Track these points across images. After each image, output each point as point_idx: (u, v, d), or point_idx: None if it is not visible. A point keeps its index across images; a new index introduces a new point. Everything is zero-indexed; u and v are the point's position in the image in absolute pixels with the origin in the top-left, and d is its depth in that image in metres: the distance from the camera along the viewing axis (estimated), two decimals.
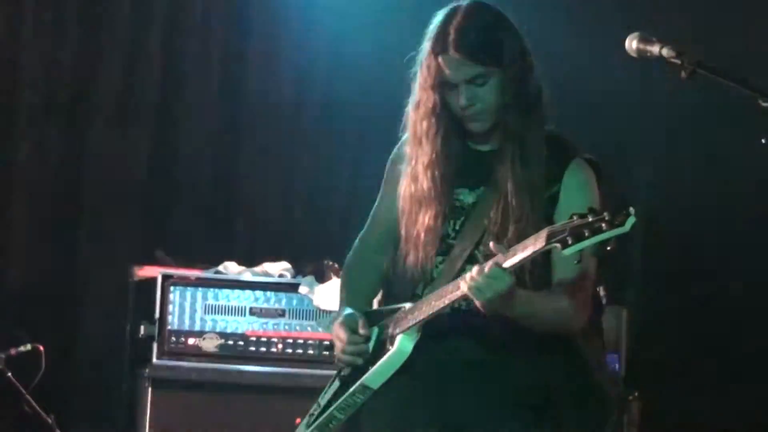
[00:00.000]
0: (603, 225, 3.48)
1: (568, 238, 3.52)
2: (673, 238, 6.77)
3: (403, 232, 4.12)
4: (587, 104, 6.46)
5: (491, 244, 3.77)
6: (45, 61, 6.98)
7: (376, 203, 4.31)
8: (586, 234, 3.50)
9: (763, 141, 3.59)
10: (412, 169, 4.09)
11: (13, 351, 5.95)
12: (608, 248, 3.48)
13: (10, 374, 5.91)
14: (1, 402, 6.01)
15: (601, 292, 4.51)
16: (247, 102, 7.16)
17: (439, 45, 3.96)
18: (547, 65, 4.08)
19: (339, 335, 4.15)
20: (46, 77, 6.97)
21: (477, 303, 3.75)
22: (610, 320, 5.57)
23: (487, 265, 3.70)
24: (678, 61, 3.69)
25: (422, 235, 4.05)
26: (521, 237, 3.79)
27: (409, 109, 4.09)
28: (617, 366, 6.01)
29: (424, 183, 4.06)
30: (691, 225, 6.72)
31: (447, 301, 3.85)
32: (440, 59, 3.96)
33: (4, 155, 6.89)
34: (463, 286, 3.74)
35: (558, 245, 3.54)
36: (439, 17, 4.00)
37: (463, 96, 3.96)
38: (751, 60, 6.34)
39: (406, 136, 4.13)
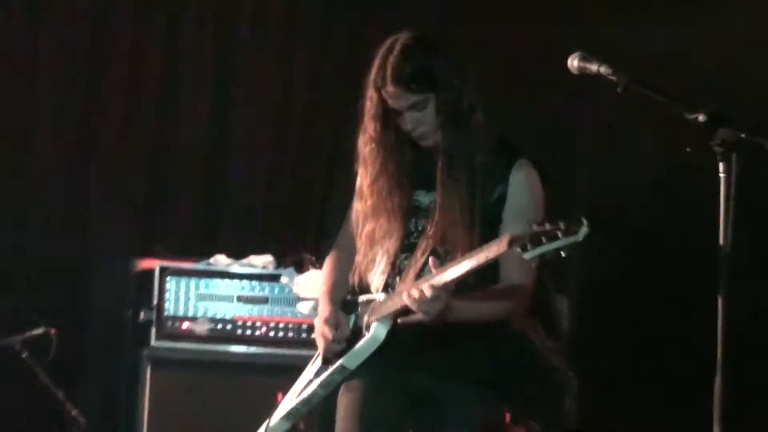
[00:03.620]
0: (559, 233, 3.47)
1: (527, 244, 3.51)
2: (610, 234, 6.74)
3: (362, 240, 4.18)
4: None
5: (431, 260, 3.82)
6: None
7: (351, 206, 4.31)
8: (544, 241, 3.48)
9: (688, 150, 3.72)
10: (359, 188, 4.19)
11: (28, 334, 5.99)
12: (562, 253, 3.46)
13: (25, 354, 5.95)
14: (18, 378, 6.08)
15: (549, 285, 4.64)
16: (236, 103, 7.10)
17: (380, 79, 4.01)
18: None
19: (325, 332, 4.17)
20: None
21: (420, 315, 3.83)
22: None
23: (426, 287, 3.74)
24: (614, 78, 3.72)
25: (380, 239, 4.11)
26: (459, 236, 3.90)
27: (359, 135, 4.16)
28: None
29: (369, 199, 4.14)
30: (626, 223, 6.67)
31: (398, 306, 3.91)
32: (382, 92, 4.01)
33: (20, 155, 6.87)
34: (405, 299, 3.81)
35: (519, 249, 3.51)
36: (379, 52, 4.03)
37: (407, 121, 4.03)
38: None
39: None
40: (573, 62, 3.83)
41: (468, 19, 6.81)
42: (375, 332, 4.05)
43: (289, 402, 4.29)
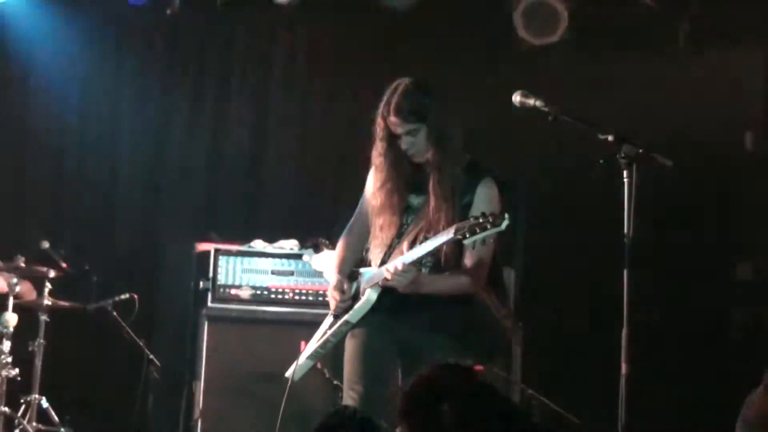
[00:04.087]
0: (488, 225, 3.65)
1: (466, 232, 3.69)
2: (547, 217, 6.68)
3: (372, 227, 4.24)
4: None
5: (405, 245, 3.96)
6: None
7: (359, 202, 4.37)
8: (478, 230, 3.66)
9: (600, 162, 3.75)
10: (373, 188, 4.24)
11: (117, 298, 6.04)
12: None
13: (115, 313, 6.00)
14: (109, 332, 6.08)
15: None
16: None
17: (385, 111, 4.08)
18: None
19: (334, 295, 4.26)
20: None
21: (397, 288, 3.94)
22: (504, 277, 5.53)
23: (398, 263, 3.88)
24: (546, 110, 3.82)
25: (384, 228, 4.17)
26: (445, 228, 3.92)
27: (373, 150, 4.21)
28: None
29: (379, 199, 4.20)
30: (561, 210, 6.64)
31: (382, 276, 4.01)
32: (387, 120, 4.09)
33: (108, 165, 6.82)
34: (386, 274, 3.93)
35: (460, 236, 3.70)
36: (387, 90, 4.11)
37: (404, 143, 4.10)
38: None
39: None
40: (516, 98, 3.90)
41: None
42: (368, 296, 4.13)
43: (311, 346, 4.34)
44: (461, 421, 1.69)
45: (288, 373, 4.33)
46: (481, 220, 3.69)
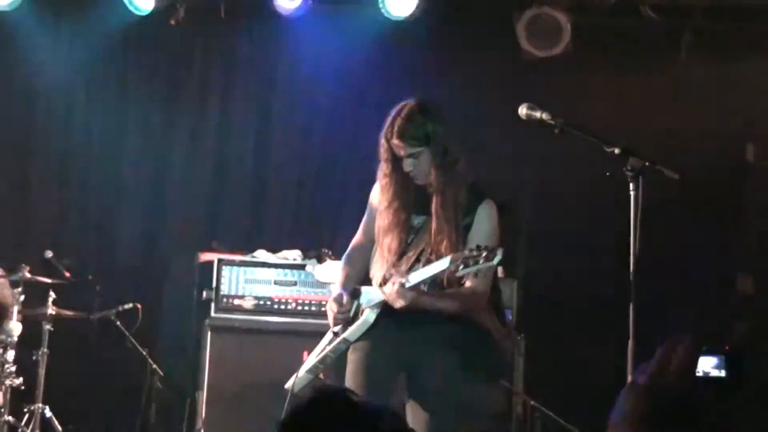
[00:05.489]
0: (481, 259, 3.70)
1: (460, 264, 3.72)
2: (548, 232, 6.69)
3: (377, 245, 4.25)
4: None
5: (404, 266, 4.01)
6: None
7: (363, 221, 4.37)
8: (471, 263, 3.71)
9: (608, 174, 3.77)
10: (381, 208, 4.23)
11: (120, 308, 6.03)
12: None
13: (118, 323, 6.00)
14: (113, 341, 6.08)
15: (499, 273, 4.63)
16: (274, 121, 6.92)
17: (389, 133, 4.09)
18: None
19: (332, 307, 4.25)
20: None
21: (394, 306, 3.95)
22: (505, 288, 5.53)
23: (397, 287, 3.90)
24: (553, 122, 3.83)
25: (389, 246, 4.17)
26: (447, 249, 3.96)
27: (378, 170, 4.23)
28: (510, 317, 6.00)
29: (386, 219, 4.20)
30: (561, 223, 6.65)
31: (383, 297, 4.02)
32: (390, 143, 4.10)
33: (111, 173, 6.80)
34: (384, 297, 3.96)
35: (453, 268, 3.74)
36: (391, 113, 4.11)
37: (406, 165, 4.11)
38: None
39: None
40: (522, 110, 3.90)
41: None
42: (366, 317, 4.14)
43: (310, 360, 4.34)
44: None
45: (288, 385, 4.32)
46: (475, 254, 3.73)
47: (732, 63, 6.57)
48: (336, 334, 4.25)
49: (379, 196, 4.24)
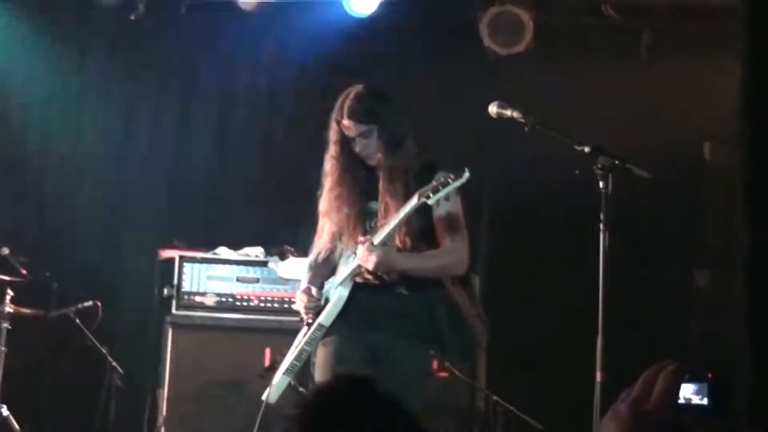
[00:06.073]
0: (450, 180, 3.75)
1: (429, 192, 3.77)
2: (510, 226, 6.67)
3: (327, 235, 4.27)
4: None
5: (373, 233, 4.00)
6: None
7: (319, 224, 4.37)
8: (440, 188, 3.75)
9: (576, 173, 3.79)
10: (324, 189, 4.27)
11: (79, 305, 5.95)
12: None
13: (77, 320, 5.92)
14: (72, 339, 6.01)
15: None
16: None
17: (339, 114, 4.14)
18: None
19: (302, 298, 4.26)
20: None
21: (369, 269, 3.96)
22: None
23: (366, 245, 3.92)
24: (523, 121, 3.85)
25: (348, 236, 4.18)
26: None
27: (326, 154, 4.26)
28: None
29: (327, 202, 4.24)
30: (525, 215, 6.63)
31: (354, 265, 4.04)
32: (340, 124, 4.13)
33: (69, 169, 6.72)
34: (357, 261, 3.99)
35: (424, 198, 3.78)
36: (340, 96, 4.18)
37: (357, 145, 4.14)
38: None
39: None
40: (492, 109, 3.91)
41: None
42: (339, 294, 4.13)
43: (286, 361, 4.30)
44: None
45: (264, 396, 4.28)
46: (442, 179, 3.77)
47: (691, 63, 6.63)
48: (309, 325, 4.22)
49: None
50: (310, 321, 4.24)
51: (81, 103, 6.79)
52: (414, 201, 3.82)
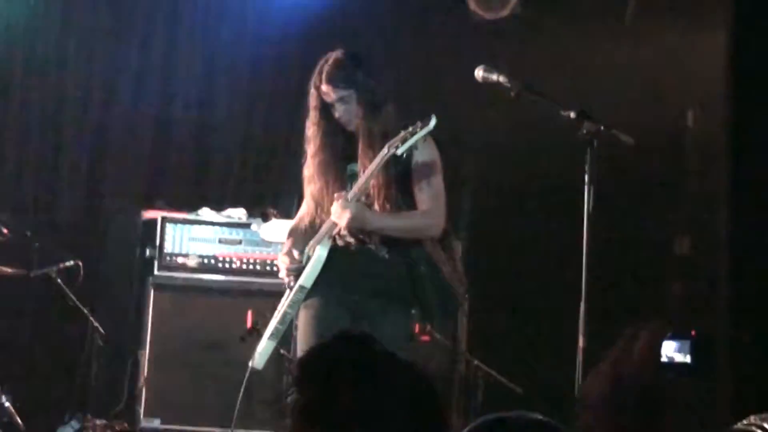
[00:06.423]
0: (417, 129, 3.77)
1: (398, 142, 3.80)
2: (493, 192, 6.67)
3: (310, 198, 4.28)
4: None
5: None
6: None
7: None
8: (409, 137, 3.79)
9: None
10: (306, 158, 4.29)
11: (61, 265, 5.91)
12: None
13: (59, 280, 5.88)
14: (53, 299, 5.98)
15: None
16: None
17: (318, 80, 4.17)
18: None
19: (283, 260, 4.28)
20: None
21: (342, 225, 3.97)
22: None
23: (340, 201, 3.95)
24: (509, 85, 3.85)
25: (326, 199, 4.19)
26: (375, 188, 4.03)
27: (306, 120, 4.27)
28: None
29: (312, 167, 4.26)
30: (508, 181, 6.62)
31: (330, 223, 4.06)
32: (319, 90, 4.16)
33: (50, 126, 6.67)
34: (332, 216, 4.00)
35: (394, 149, 3.82)
36: (319, 62, 4.20)
37: (336, 110, 4.17)
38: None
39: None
40: (478, 73, 3.91)
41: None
42: (318, 253, 4.15)
43: (270, 326, 4.31)
44: (357, 393, 1.70)
45: (251, 363, 4.30)
46: (411, 129, 3.80)
47: (675, 29, 6.63)
48: (290, 288, 4.24)
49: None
50: (291, 284, 4.24)
51: (62, 63, 6.67)
52: (384, 152, 3.86)
